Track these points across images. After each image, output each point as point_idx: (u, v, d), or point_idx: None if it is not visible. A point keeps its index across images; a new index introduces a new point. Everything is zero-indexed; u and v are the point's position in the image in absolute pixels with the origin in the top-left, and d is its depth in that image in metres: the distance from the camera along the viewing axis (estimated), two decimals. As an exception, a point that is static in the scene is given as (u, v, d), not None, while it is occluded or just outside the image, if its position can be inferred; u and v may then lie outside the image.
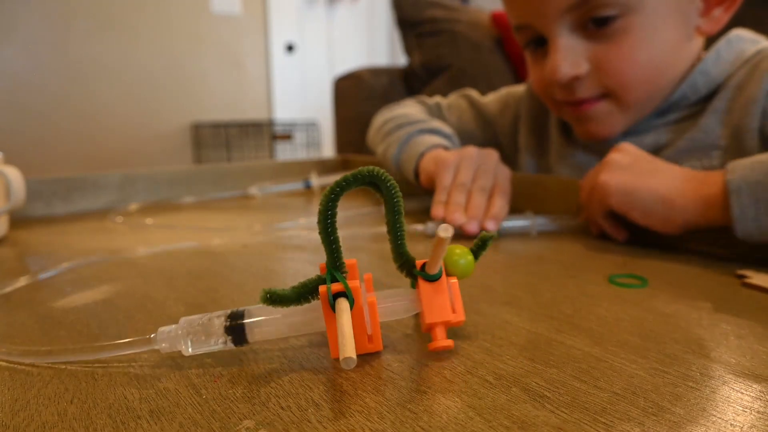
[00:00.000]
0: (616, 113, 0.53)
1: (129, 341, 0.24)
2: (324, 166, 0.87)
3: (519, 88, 0.72)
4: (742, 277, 0.35)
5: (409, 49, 1.52)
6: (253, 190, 0.74)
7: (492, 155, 0.54)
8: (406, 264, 0.25)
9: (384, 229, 0.51)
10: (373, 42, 3.50)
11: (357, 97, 1.49)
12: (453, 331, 0.27)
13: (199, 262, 0.42)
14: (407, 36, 1.52)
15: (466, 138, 0.71)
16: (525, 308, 0.31)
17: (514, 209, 0.52)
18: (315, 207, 0.70)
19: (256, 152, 2.81)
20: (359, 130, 1.50)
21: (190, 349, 0.24)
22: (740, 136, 0.49)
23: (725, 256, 0.41)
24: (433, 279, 0.25)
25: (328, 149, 3.03)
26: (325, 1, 3.27)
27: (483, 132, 0.72)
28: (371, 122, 0.78)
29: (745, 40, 0.54)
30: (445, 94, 1.41)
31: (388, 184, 0.24)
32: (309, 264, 0.41)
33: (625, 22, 0.48)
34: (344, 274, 0.24)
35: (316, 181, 0.77)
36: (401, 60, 2.65)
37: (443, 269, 0.25)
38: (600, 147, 0.58)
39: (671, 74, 0.52)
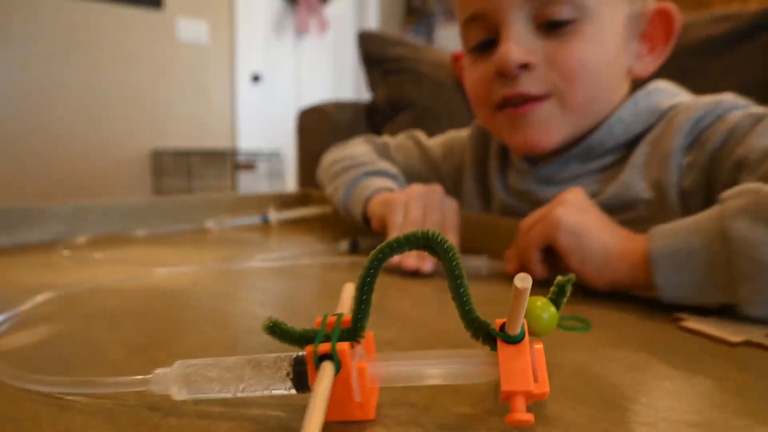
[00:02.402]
0: (557, 118, 0.52)
1: (121, 380, 0.24)
2: (283, 201, 0.87)
3: (463, 133, 0.73)
4: (678, 320, 0.36)
5: (373, 85, 1.55)
6: (210, 224, 0.73)
7: (437, 190, 0.55)
8: (480, 329, 0.23)
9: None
10: (339, 76, 3.55)
11: (321, 130, 1.50)
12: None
13: (146, 301, 0.41)
14: (372, 72, 1.55)
15: (412, 177, 0.71)
16: (471, 352, 0.31)
17: (466, 249, 0.53)
18: (272, 243, 0.69)
19: (218, 181, 2.78)
20: (322, 163, 1.51)
21: (185, 393, 0.23)
22: (662, 190, 0.50)
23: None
24: (515, 341, 0.22)
25: (291, 180, 3.02)
26: (293, 33, 3.31)
27: (428, 173, 0.73)
28: (320, 160, 0.78)
29: (664, 93, 0.55)
30: (408, 130, 1.44)
31: (445, 247, 0.23)
32: (260, 306, 0.41)
33: (579, 26, 0.49)
34: (360, 340, 0.23)
35: (274, 215, 0.76)
36: (367, 95, 2.70)
37: (525, 328, 0.23)
38: (535, 197, 0.58)
39: (607, 96, 0.53)
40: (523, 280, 0.20)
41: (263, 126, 3.16)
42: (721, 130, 0.48)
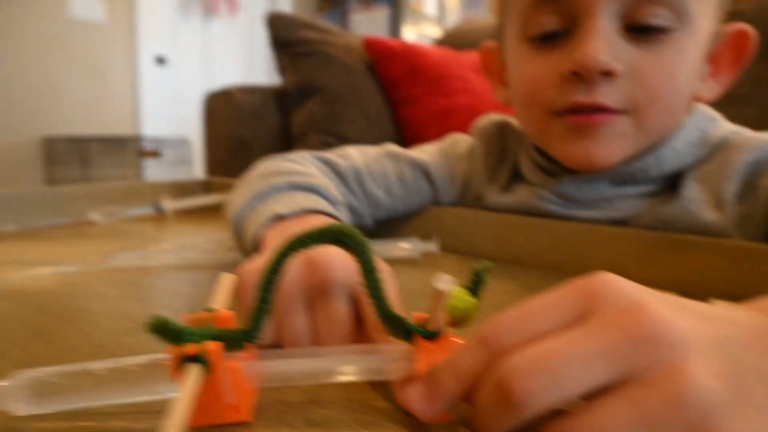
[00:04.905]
0: (628, 136, 0.44)
1: None
2: (182, 189, 0.81)
3: (461, 143, 0.59)
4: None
5: (282, 69, 1.50)
6: (94, 216, 0.67)
7: (324, 266, 0.27)
8: (399, 325, 0.22)
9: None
10: (252, 59, 3.43)
11: (227, 115, 1.43)
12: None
13: (2, 305, 0.36)
14: (281, 55, 1.50)
15: (399, 209, 0.56)
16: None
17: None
18: (166, 234, 0.65)
19: (121, 170, 2.60)
20: (229, 150, 1.45)
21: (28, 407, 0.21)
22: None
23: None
24: (434, 336, 0.22)
25: (201, 167, 2.89)
26: (201, 13, 3.15)
27: (422, 196, 0.57)
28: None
29: (707, 119, 0.48)
30: (317, 115, 1.41)
31: (357, 241, 0.22)
32: (138, 303, 0.37)
33: (673, 37, 0.42)
34: (257, 342, 0.22)
35: (169, 205, 0.71)
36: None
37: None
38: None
39: (676, 121, 0.45)
40: (444, 282, 0.20)
41: (170, 111, 2.99)
42: None
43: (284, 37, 1.48)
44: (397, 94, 1.35)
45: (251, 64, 3.43)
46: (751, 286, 0.36)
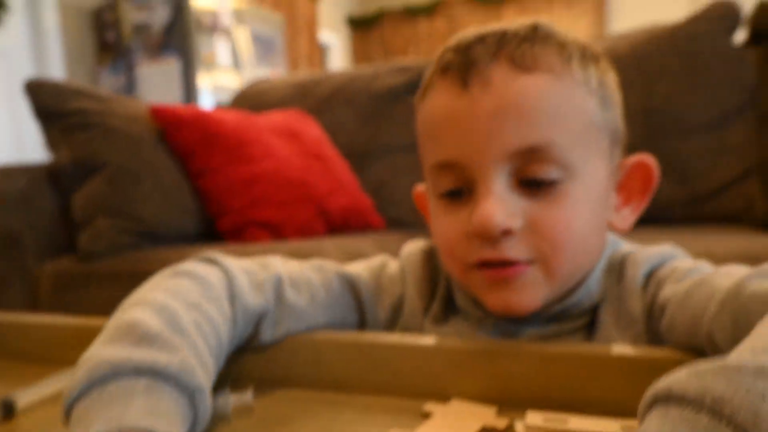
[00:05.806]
0: (540, 283, 0.46)
1: None
2: None
3: (390, 266, 0.57)
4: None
5: (53, 144, 1.31)
6: None
7: None
8: None
9: None
10: (19, 129, 2.94)
11: (-17, 206, 1.19)
12: None
13: None
14: (49, 129, 1.31)
15: (321, 323, 0.50)
16: None
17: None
18: None
19: None
20: (-9, 251, 1.20)
21: None
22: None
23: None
24: None
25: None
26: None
27: (345, 312, 0.53)
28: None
29: (609, 243, 0.51)
30: (104, 195, 1.24)
31: None
32: None
33: (564, 187, 0.44)
34: None
35: None
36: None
37: None
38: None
39: (591, 259, 0.48)
40: None
41: None
42: (652, 285, 0.48)
43: (51, 107, 1.29)
44: (194, 165, 1.26)
45: (20, 135, 2.94)
46: (555, 389, 0.38)
